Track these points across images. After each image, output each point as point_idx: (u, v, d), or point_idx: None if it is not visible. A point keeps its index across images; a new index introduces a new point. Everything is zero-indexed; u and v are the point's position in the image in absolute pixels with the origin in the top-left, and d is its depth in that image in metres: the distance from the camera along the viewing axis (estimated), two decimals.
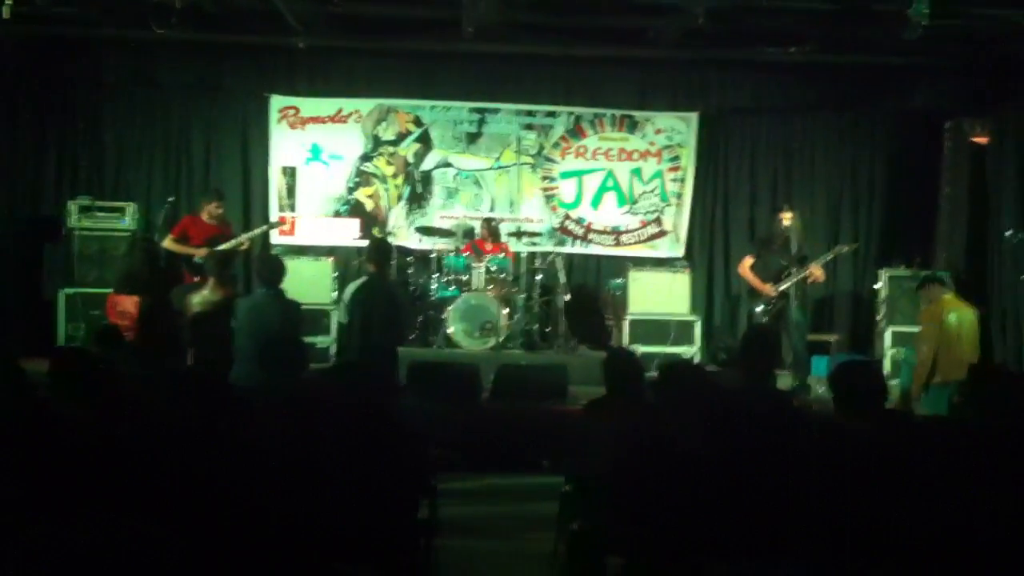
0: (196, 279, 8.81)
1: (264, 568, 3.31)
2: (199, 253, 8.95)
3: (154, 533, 2.72)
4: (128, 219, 10.30)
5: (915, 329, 9.12)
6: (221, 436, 4.09)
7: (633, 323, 10.32)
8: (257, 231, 9.94)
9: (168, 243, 9.30)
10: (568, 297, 10.33)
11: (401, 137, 11.30)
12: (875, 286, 10.71)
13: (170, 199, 10.29)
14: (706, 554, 3.55)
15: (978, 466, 3.81)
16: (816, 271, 9.10)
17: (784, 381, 8.75)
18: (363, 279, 7.91)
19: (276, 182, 11.17)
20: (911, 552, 3.28)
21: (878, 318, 10.55)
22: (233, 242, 9.18)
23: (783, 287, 9.02)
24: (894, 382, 8.77)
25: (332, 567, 3.55)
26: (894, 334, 10.16)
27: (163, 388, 4.65)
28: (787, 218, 9.17)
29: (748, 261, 9.40)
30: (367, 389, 4.95)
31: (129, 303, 9.45)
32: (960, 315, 8.32)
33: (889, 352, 10.13)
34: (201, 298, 7.85)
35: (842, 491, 3.64)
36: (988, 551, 3.23)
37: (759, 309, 9.18)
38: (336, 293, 10.16)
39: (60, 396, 4.51)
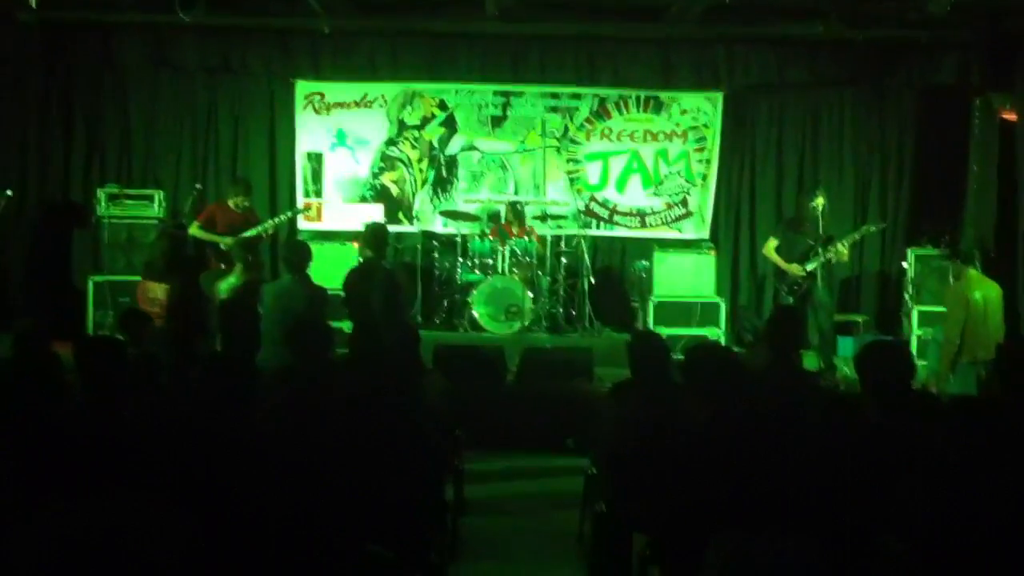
0: (222, 266, 8.88)
1: (290, 549, 3.35)
2: (225, 240, 9.01)
3: (170, 513, 2.75)
4: (156, 206, 10.38)
5: (942, 309, 9.06)
6: (247, 419, 4.13)
7: (658, 305, 10.30)
8: (282, 217, 9.98)
9: (194, 230, 9.36)
10: (593, 280, 10.33)
11: (426, 121, 11.31)
12: (903, 264, 10.65)
13: (197, 186, 10.38)
14: (729, 532, 3.56)
15: (1007, 445, 3.79)
16: (842, 250, 9.05)
17: (810, 361, 8.73)
18: (359, 263, 7.90)
19: (302, 167, 11.22)
20: (934, 531, 3.27)
21: (906, 298, 10.50)
22: (259, 228, 9.23)
23: (810, 267, 8.98)
24: (922, 362, 8.74)
25: (359, 548, 3.58)
26: (921, 314, 10.10)
27: (192, 372, 4.70)
28: (819, 201, 9.07)
29: (772, 242, 9.37)
30: (392, 370, 5.00)
31: (158, 290, 9.54)
32: (985, 292, 8.29)
33: (916, 332, 10.07)
34: (228, 284, 7.93)
35: (866, 471, 3.63)
36: (1013, 532, 3.22)
37: (785, 289, 9.15)
38: None
39: (86, 384, 4.56)
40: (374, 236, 7.80)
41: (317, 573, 3.40)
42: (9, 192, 9.75)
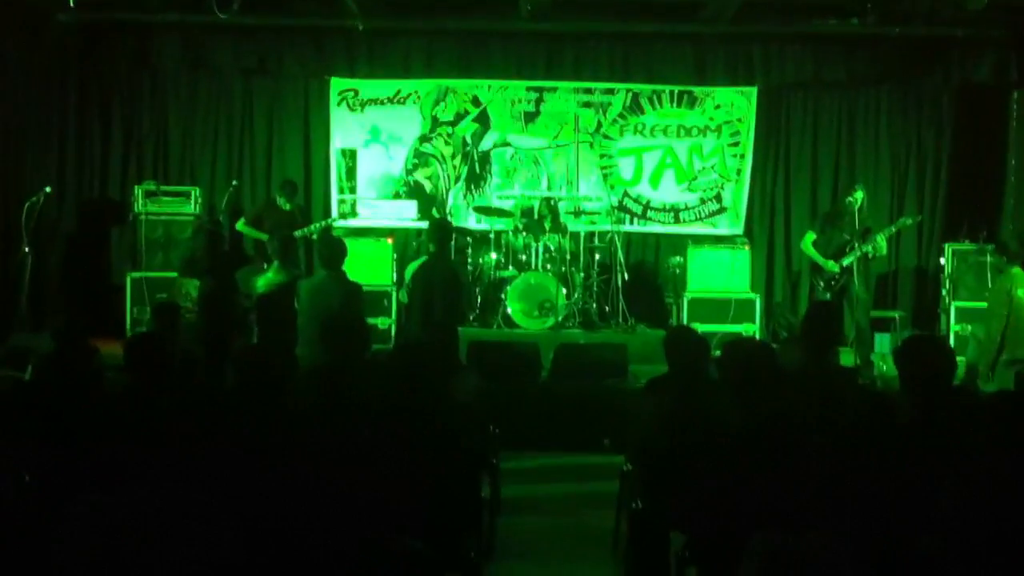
0: (264, 264, 8.94)
1: (326, 543, 3.37)
2: (268, 238, 9.06)
3: (209, 505, 2.77)
4: (192, 203, 10.46)
5: (980, 305, 8.98)
6: (284, 413, 4.16)
7: (692, 301, 10.26)
8: (326, 223, 10.04)
9: (241, 226, 9.43)
10: (627, 275, 10.30)
11: (459, 117, 11.32)
12: (940, 260, 10.54)
13: (234, 182, 10.46)
14: (768, 532, 3.55)
15: None
16: (880, 243, 8.97)
17: (847, 358, 8.68)
18: (424, 258, 7.95)
19: (336, 164, 11.27)
20: (973, 530, 3.24)
21: (943, 294, 10.39)
22: (303, 231, 9.31)
23: (846, 262, 8.92)
24: (960, 359, 8.65)
25: (396, 542, 3.59)
26: (959, 310, 9.99)
27: (229, 366, 4.73)
28: (858, 196, 9.00)
29: (810, 237, 9.32)
30: (430, 368, 5.00)
31: (192, 286, 9.62)
32: None
33: (954, 328, 9.97)
34: (265, 280, 7.98)
35: (903, 469, 3.61)
36: None
37: (822, 284, 9.10)
38: (396, 274, 10.28)
39: (135, 379, 4.59)
40: (438, 231, 7.83)
41: (354, 567, 3.41)
42: (48, 189, 9.86)
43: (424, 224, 10.29)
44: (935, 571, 3.22)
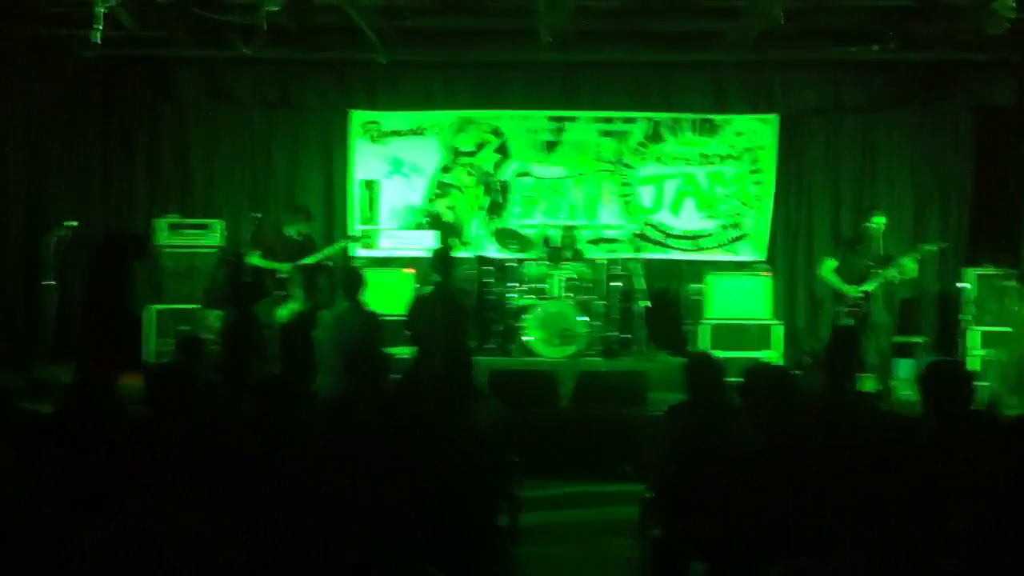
0: (282, 293, 8.96)
1: (345, 572, 3.37)
2: (284, 268, 9.09)
3: (223, 528, 2.77)
4: (215, 236, 10.52)
5: (1004, 329, 8.92)
6: (304, 443, 4.17)
7: (713, 328, 10.22)
8: (339, 245, 10.07)
9: (255, 259, 9.47)
10: (647, 303, 10.28)
11: (480, 147, 11.39)
12: (962, 286, 10.45)
13: (256, 215, 10.51)
14: (791, 557, 3.52)
15: None
16: (910, 266, 8.89)
17: (869, 383, 8.60)
18: (428, 289, 7.95)
19: (358, 195, 11.34)
20: (991, 553, 3.21)
21: (965, 319, 10.29)
22: (317, 256, 9.32)
23: (868, 288, 8.86)
24: (984, 383, 8.58)
25: (414, 571, 3.59)
26: (981, 335, 9.89)
27: (249, 397, 4.75)
28: (879, 221, 8.95)
29: (830, 263, 9.26)
30: (447, 397, 5.01)
31: (215, 317, 9.65)
32: None
33: (978, 352, 9.87)
34: (288, 311, 8.02)
35: (923, 494, 3.57)
36: None
37: (844, 311, 9.03)
38: None
39: (156, 411, 4.61)
40: (440, 260, 7.84)
41: None
42: (72, 222, 9.95)
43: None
44: None
